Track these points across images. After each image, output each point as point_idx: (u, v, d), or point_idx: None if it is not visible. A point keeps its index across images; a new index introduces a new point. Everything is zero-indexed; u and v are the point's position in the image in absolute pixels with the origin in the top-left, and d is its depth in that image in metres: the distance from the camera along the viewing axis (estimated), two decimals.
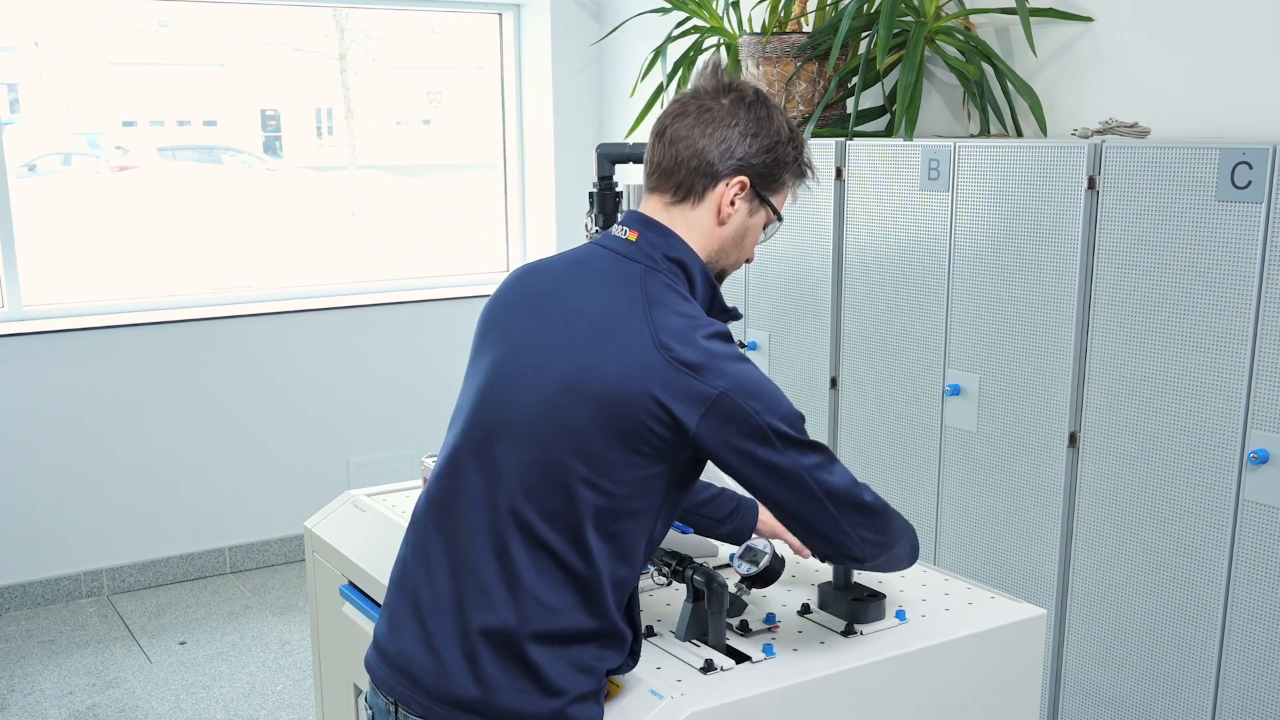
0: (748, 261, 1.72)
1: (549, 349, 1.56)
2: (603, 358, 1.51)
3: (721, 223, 1.62)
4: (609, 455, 1.51)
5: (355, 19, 5.03)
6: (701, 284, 1.62)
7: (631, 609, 1.62)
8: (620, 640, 1.59)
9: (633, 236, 1.61)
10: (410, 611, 1.62)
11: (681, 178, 1.61)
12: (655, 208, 1.64)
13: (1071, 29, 3.12)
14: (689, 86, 1.68)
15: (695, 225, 1.62)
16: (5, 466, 4.22)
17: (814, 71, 3.49)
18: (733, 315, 1.67)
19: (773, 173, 1.63)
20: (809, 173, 1.69)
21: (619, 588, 1.57)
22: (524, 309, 1.62)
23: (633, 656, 1.64)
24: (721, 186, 1.61)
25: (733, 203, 1.61)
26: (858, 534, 1.59)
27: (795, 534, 1.63)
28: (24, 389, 4.21)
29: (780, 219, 1.69)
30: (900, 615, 1.85)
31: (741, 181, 1.61)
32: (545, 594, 1.53)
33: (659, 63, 3.86)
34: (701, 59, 3.85)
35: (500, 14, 5.12)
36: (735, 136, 1.60)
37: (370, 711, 1.70)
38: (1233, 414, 2.41)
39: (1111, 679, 2.71)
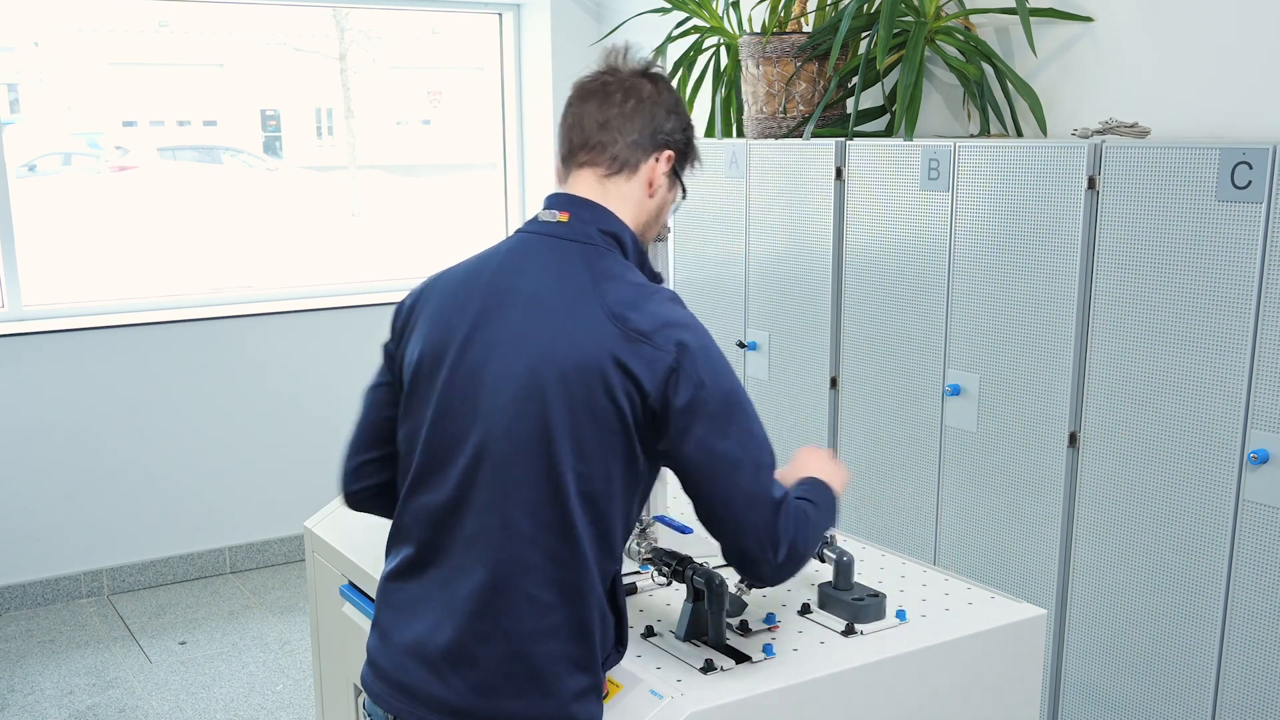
0: (659, 239, 1.78)
1: (510, 342, 1.54)
2: (561, 339, 1.52)
3: (651, 195, 1.68)
4: (583, 437, 1.50)
5: (355, 19, 5.03)
6: (633, 254, 1.65)
7: (616, 594, 1.61)
8: (607, 627, 1.58)
9: (564, 218, 1.62)
10: (401, 625, 1.61)
11: (617, 151, 1.65)
12: (588, 181, 1.65)
13: (1071, 29, 3.12)
14: (601, 65, 1.71)
15: (628, 198, 1.66)
16: (5, 466, 4.22)
17: (814, 71, 3.49)
18: (659, 280, 1.70)
19: (686, 150, 1.72)
20: (698, 158, 1.77)
21: (605, 573, 1.57)
22: (472, 309, 1.59)
23: (620, 644, 1.64)
24: (652, 160, 1.67)
25: (662, 177, 1.68)
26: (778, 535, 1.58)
27: (730, 511, 1.56)
28: (24, 389, 4.21)
29: (685, 194, 1.75)
30: (900, 615, 1.85)
31: (669, 155, 1.68)
32: (538, 590, 1.52)
33: (659, 63, 3.86)
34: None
35: (500, 14, 5.12)
36: (662, 114, 1.67)
37: None
38: (1233, 414, 2.41)
39: (1111, 679, 2.71)
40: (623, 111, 1.65)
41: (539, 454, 1.51)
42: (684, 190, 1.74)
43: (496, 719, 1.52)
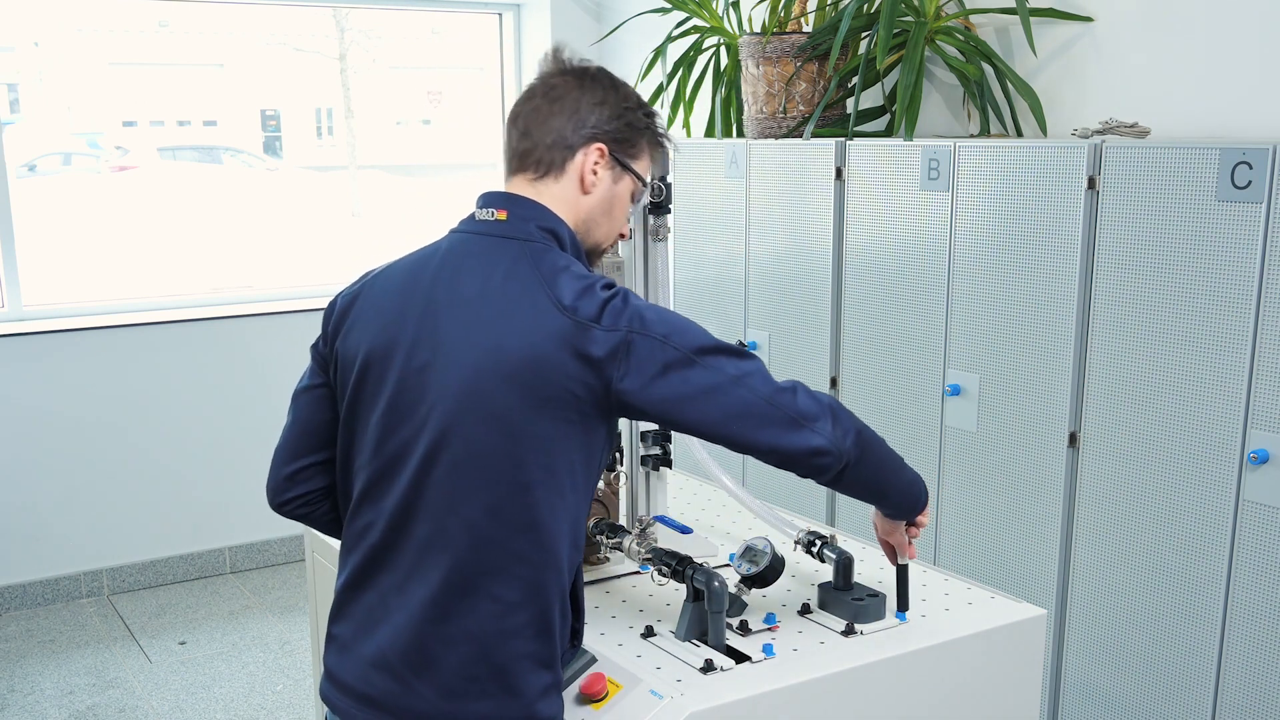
0: (622, 237, 1.73)
1: (458, 342, 1.52)
2: (508, 334, 1.49)
3: (586, 192, 1.63)
4: (537, 430, 1.48)
5: (355, 19, 5.03)
6: (570, 249, 1.61)
7: (576, 587, 1.60)
8: (566, 622, 1.58)
9: (502, 215, 1.60)
10: (362, 637, 1.59)
11: (540, 155, 1.62)
12: (519, 186, 1.64)
13: (1071, 29, 3.12)
14: (536, 76, 1.69)
15: (561, 198, 1.62)
16: (5, 466, 4.22)
17: (814, 71, 3.49)
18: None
19: (628, 137, 1.65)
20: (665, 141, 1.72)
21: (572, 564, 1.56)
22: (416, 310, 1.57)
23: (576, 637, 1.63)
24: (580, 156, 1.62)
25: (595, 171, 1.63)
26: (817, 426, 1.55)
27: (755, 424, 1.54)
28: (24, 389, 4.21)
29: (645, 184, 1.70)
30: (900, 615, 1.85)
31: (599, 149, 1.62)
32: (502, 590, 1.50)
33: (659, 63, 3.86)
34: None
35: (500, 14, 5.12)
36: (585, 108, 1.62)
37: None
38: (1233, 414, 2.41)
39: (1111, 679, 2.71)
40: (539, 115, 1.62)
41: (497, 452, 1.49)
42: (641, 180, 1.69)
43: None
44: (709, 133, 3.97)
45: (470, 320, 1.52)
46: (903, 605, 1.86)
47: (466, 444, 1.50)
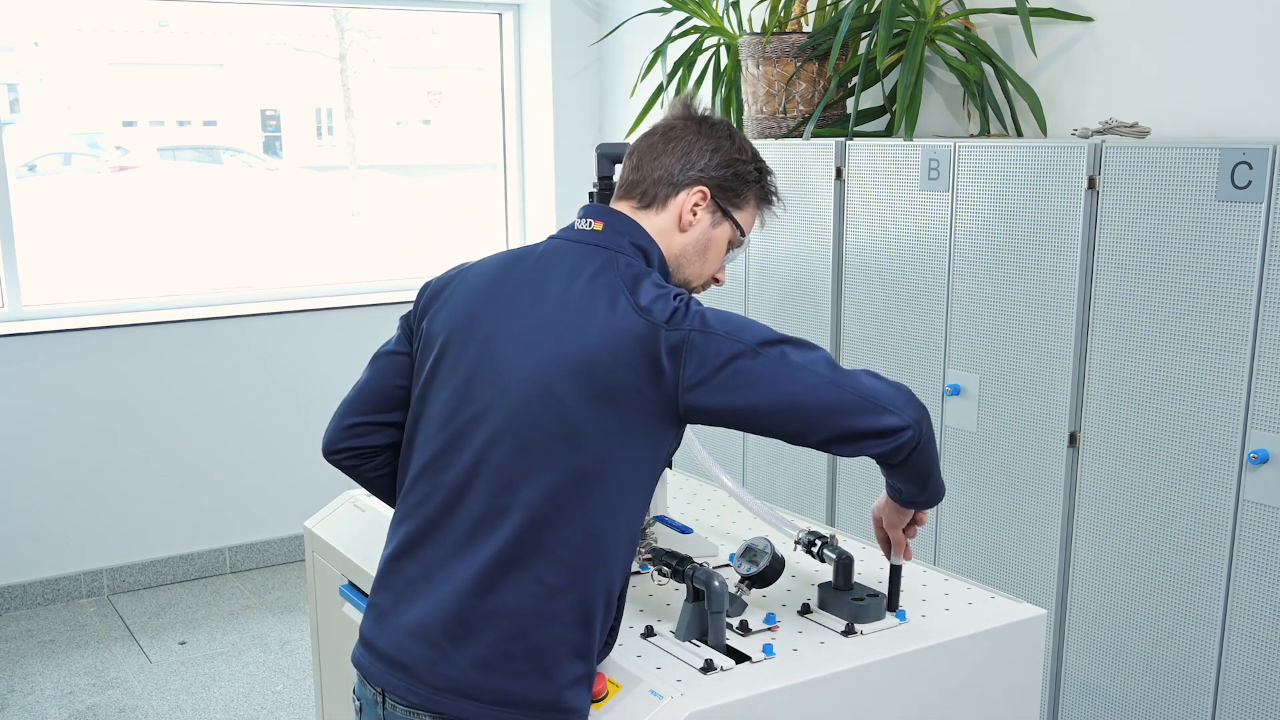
0: (717, 283, 1.79)
1: (531, 336, 1.59)
2: (585, 332, 1.55)
3: (683, 230, 1.71)
4: (600, 425, 1.53)
5: (355, 19, 5.03)
6: (658, 267, 1.68)
7: (622, 589, 1.63)
8: (608, 617, 1.61)
9: (598, 226, 1.68)
10: (402, 607, 1.62)
11: (646, 188, 1.71)
12: (622, 208, 1.73)
13: (1071, 29, 3.12)
14: (662, 119, 1.77)
15: (658, 230, 1.70)
16: (5, 466, 4.22)
17: (814, 71, 3.49)
18: None
19: (733, 186, 1.73)
20: (774, 199, 1.80)
21: (623, 563, 1.59)
22: (500, 302, 1.65)
23: (612, 635, 1.65)
24: (682, 195, 1.70)
25: (694, 212, 1.70)
26: (892, 405, 1.57)
27: (844, 441, 1.58)
28: (24, 389, 4.21)
29: (744, 234, 1.76)
30: (900, 615, 1.85)
31: (701, 191, 1.70)
32: (548, 573, 1.54)
33: (659, 63, 3.86)
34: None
35: (500, 14, 5.12)
36: (696, 151, 1.71)
37: (358, 702, 1.71)
38: (1233, 414, 2.41)
39: (1111, 679, 2.71)
40: (653, 152, 1.71)
41: (556, 442, 1.54)
42: (739, 229, 1.75)
43: (494, 698, 1.54)
44: None
45: (550, 316, 1.59)
46: (892, 605, 1.86)
47: (528, 430, 1.55)
